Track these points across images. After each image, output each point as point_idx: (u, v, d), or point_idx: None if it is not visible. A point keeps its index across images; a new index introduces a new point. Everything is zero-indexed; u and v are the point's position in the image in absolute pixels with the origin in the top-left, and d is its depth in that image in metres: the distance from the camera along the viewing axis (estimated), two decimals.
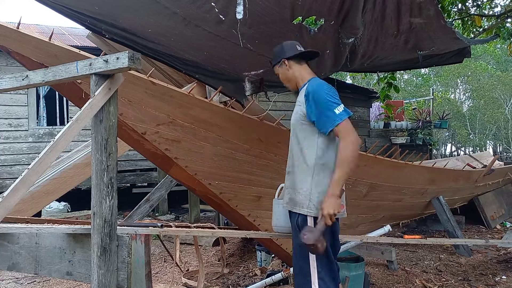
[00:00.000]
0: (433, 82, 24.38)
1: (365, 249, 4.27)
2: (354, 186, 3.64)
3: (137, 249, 1.91)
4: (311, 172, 2.12)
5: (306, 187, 2.13)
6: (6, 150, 7.14)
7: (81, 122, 1.67)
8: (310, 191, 2.11)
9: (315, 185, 2.11)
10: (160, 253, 4.99)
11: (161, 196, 5.25)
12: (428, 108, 13.72)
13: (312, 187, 2.11)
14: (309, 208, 2.11)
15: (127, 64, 1.64)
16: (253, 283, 3.52)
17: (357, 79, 20.31)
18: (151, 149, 2.44)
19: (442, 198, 5.11)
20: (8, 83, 1.88)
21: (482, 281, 3.87)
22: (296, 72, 2.28)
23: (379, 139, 11.79)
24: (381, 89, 6.06)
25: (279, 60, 2.30)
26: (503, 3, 10.87)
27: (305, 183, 2.13)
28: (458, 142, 22.00)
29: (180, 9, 2.64)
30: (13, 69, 6.88)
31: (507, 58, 22.59)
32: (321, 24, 3.00)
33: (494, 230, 6.07)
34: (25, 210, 3.95)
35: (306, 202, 2.12)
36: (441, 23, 3.27)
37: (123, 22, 2.79)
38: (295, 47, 2.31)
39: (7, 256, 2.10)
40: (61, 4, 2.65)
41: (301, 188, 2.14)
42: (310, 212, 2.11)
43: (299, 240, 2.08)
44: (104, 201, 1.70)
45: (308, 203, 2.12)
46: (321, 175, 2.12)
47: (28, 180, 1.59)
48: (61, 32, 9.41)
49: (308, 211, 2.12)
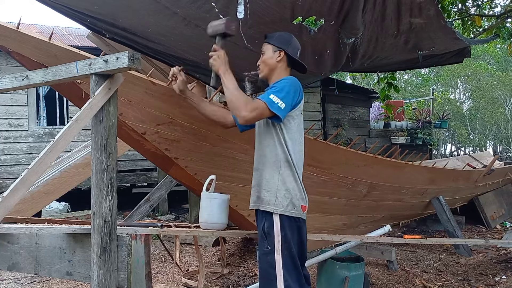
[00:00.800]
0: (433, 82, 24.39)
1: (365, 249, 4.27)
2: (354, 186, 3.64)
3: (137, 249, 1.91)
4: (277, 168, 2.08)
5: (273, 183, 2.08)
6: (6, 150, 7.14)
7: (81, 122, 1.67)
8: (277, 188, 2.07)
9: (282, 182, 2.07)
10: (160, 253, 4.99)
11: (161, 196, 5.25)
12: (428, 108, 13.73)
13: (279, 184, 2.07)
14: (276, 205, 2.06)
15: (127, 64, 1.64)
16: (253, 283, 3.52)
17: (357, 79, 20.32)
18: (151, 149, 2.44)
19: (442, 198, 5.11)
20: (8, 83, 1.88)
21: (482, 281, 3.87)
22: (279, 68, 2.20)
23: (379, 139, 11.80)
24: (381, 89, 6.06)
25: (279, 48, 2.19)
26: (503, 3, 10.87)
27: (272, 180, 2.09)
28: (458, 142, 22.00)
29: (180, 9, 2.64)
30: (13, 69, 6.88)
31: (507, 58, 22.59)
32: (321, 24, 3.00)
33: (494, 230, 6.07)
34: (25, 210, 3.95)
35: (272, 199, 2.07)
36: (441, 23, 3.28)
37: (123, 21, 2.79)
38: (298, 51, 2.28)
39: (7, 256, 2.09)
40: (61, 4, 2.65)
41: (267, 185, 2.09)
42: (276, 209, 2.06)
43: (265, 248, 2.05)
44: (104, 201, 1.70)
45: (274, 200, 2.07)
46: (287, 171, 2.08)
47: (28, 180, 1.59)
48: (61, 32, 9.41)
49: (275, 208, 2.07)
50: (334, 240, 3.26)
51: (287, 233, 2.05)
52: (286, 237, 2.04)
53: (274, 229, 2.05)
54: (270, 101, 1.97)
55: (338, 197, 3.64)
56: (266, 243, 2.07)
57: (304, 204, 2.13)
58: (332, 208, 3.70)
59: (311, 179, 3.22)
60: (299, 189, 2.11)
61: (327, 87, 9.79)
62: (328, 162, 3.25)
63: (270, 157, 2.10)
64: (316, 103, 10.17)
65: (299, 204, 2.09)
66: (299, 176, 2.13)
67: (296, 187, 2.10)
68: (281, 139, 2.09)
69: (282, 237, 2.04)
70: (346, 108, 11.64)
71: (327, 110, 11.10)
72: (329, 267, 3.29)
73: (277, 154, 2.09)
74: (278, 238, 2.03)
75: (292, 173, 2.09)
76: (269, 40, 2.23)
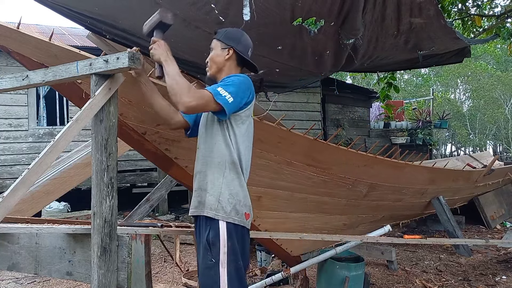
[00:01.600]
0: (433, 82, 24.39)
1: (365, 249, 4.28)
2: (354, 186, 3.64)
3: (137, 249, 1.91)
4: (222, 170, 1.90)
5: (217, 186, 1.90)
6: (6, 150, 7.14)
7: (81, 122, 1.66)
8: (220, 192, 1.89)
9: (226, 185, 1.90)
10: (160, 253, 4.99)
11: (161, 196, 5.25)
12: (428, 108, 13.74)
13: (222, 187, 1.89)
14: (217, 210, 1.87)
15: (127, 64, 1.64)
16: (253, 283, 3.52)
17: (357, 79, 20.32)
18: (151, 149, 2.44)
19: (442, 198, 5.11)
20: (8, 83, 1.88)
21: (482, 281, 3.87)
22: (228, 67, 2.03)
23: (379, 139, 11.81)
24: (381, 89, 6.06)
25: (228, 45, 2.01)
26: (503, 3, 10.88)
27: (216, 181, 1.91)
28: (458, 142, 22.00)
29: (180, 10, 2.64)
30: (13, 69, 6.88)
31: (507, 58, 22.57)
32: (321, 25, 2.99)
33: (494, 230, 6.07)
34: (25, 210, 3.95)
35: (215, 204, 1.88)
36: (441, 23, 3.28)
37: (123, 22, 2.79)
38: (249, 49, 2.08)
39: (7, 256, 2.09)
40: (61, 5, 2.65)
41: (211, 189, 1.91)
42: (218, 215, 1.87)
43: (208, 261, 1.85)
44: (104, 201, 1.70)
45: (217, 205, 1.88)
46: (232, 174, 1.91)
47: (28, 180, 1.58)
48: (61, 32, 9.41)
49: (216, 213, 1.87)
50: (334, 240, 3.26)
51: (235, 243, 1.86)
52: (234, 248, 1.85)
53: (220, 238, 1.84)
54: (217, 93, 1.79)
55: (338, 197, 3.64)
56: (210, 255, 1.85)
57: (248, 212, 1.94)
58: (332, 208, 3.70)
59: (311, 179, 3.22)
60: (244, 195, 1.94)
61: (327, 87, 9.80)
62: (328, 162, 3.25)
63: (215, 158, 1.92)
64: (316, 103, 10.18)
65: (242, 211, 1.91)
66: (245, 182, 1.97)
67: (241, 192, 1.93)
68: (229, 139, 1.92)
69: (229, 247, 1.84)
70: (346, 108, 11.65)
71: (327, 110, 11.10)
72: (329, 267, 3.29)
73: (223, 155, 1.91)
74: (224, 249, 1.83)
75: (237, 177, 1.92)
76: (218, 36, 2.05)
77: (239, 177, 1.93)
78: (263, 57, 3.39)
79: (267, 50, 3.31)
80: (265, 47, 3.25)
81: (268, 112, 2.91)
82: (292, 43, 3.24)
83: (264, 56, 3.39)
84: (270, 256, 4.31)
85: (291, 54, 3.43)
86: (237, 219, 1.89)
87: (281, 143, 2.83)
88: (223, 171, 1.90)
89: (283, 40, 3.20)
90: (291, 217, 3.35)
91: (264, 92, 4.21)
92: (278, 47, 3.30)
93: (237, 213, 1.89)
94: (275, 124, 2.76)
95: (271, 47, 3.29)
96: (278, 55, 3.42)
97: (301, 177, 3.15)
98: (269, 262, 4.26)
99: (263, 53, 3.33)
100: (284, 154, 2.92)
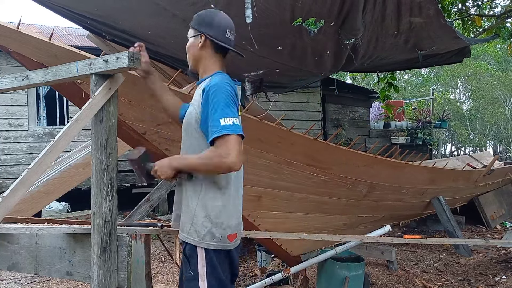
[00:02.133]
0: (433, 82, 24.39)
1: (365, 249, 4.28)
2: (354, 186, 3.64)
3: (137, 249, 1.91)
4: (198, 189, 1.69)
5: (191, 206, 1.71)
6: (6, 150, 7.14)
7: (81, 122, 1.66)
8: (193, 213, 1.69)
9: (201, 207, 1.68)
10: (160, 253, 4.99)
11: (161, 196, 5.23)
12: (428, 108, 13.74)
13: (196, 208, 1.69)
14: (189, 233, 1.70)
15: (127, 64, 1.64)
16: (253, 283, 3.52)
17: (357, 79, 20.32)
18: (151, 149, 2.44)
19: (442, 198, 5.11)
20: (8, 83, 1.88)
21: (482, 281, 3.87)
22: (205, 59, 1.78)
23: (379, 139, 11.81)
24: (381, 89, 6.06)
25: (199, 32, 1.76)
26: (503, 3, 10.88)
27: (191, 201, 1.71)
28: (458, 142, 21.99)
29: (179, 11, 2.64)
30: (13, 69, 6.88)
31: (507, 58, 22.58)
32: (321, 25, 3.00)
33: (494, 230, 6.07)
34: (25, 210, 3.95)
35: (187, 225, 1.71)
36: (441, 22, 3.28)
37: (123, 23, 2.79)
38: (227, 31, 1.78)
39: (7, 256, 2.09)
40: (61, 6, 2.65)
41: (187, 206, 1.73)
42: (189, 238, 1.70)
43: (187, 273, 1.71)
44: (104, 201, 1.70)
45: (189, 228, 1.70)
46: (209, 194, 1.68)
47: (28, 180, 1.58)
48: (61, 32, 9.41)
49: (187, 237, 1.70)
50: (334, 240, 3.26)
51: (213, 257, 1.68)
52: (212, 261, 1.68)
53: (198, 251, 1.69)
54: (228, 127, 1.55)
55: (338, 197, 3.64)
56: (189, 267, 1.71)
57: (233, 232, 1.72)
58: (332, 208, 3.70)
59: (311, 179, 3.22)
60: (228, 215, 1.70)
61: (327, 87, 9.80)
62: (328, 162, 3.25)
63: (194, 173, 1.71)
64: (316, 103, 10.18)
65: (222, 234, 1.68)
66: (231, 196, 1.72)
67: (223, 213, 1.69)
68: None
69: (208, 260, 1.68)
70: (346, 108, 11.65)
71: (327, 110, 11.11)
72: (329, 267, 3.29)
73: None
74: (202, 262, 1.68)
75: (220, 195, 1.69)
76: (192, 25, 1.81)
77: (222, 194, 1.69)
78: (263, 58, 3.39)
79: (267, 50, 3.32)
80: (265, 48, 3.25)
81: (268, 112, 2.91)
82: (292, 44, 3.24)
83: (264, 56, 3.39)
84: (270, 256, 4.31)
85: (291, 55, 3.43)
86: (213, 243, 1.67)
87: (281, 143, 2.83)
88: (199, 192, 1.69)
89: (283, 40, 3.21)
90: (291, 217, 3.35)
91: (264, 92, 4.21)
92: (278, 48, 3.31)
93: (213, 237, 1.67)
94: (275, 124, 2.76)
95: (271, 47, 3.30)
96: (278, 55, 3.43)
97: (301, 177, 3.15)
98: (269, 262, 4.26)
99: (263, 54, 3.33)
100: (284, 154, 2.92)
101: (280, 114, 3.99)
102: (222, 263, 1.71)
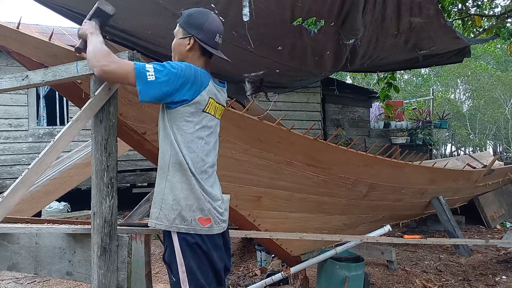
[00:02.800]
0: (433, 82, 24.39)
1: (365, 249, 4.28)
2: (354, 186, 3.64)
3: (137, 249, 1.91)
4: (164, 173, 1.70)
5: (159, 189, 1.72)
6: (6, 150, 7.14)
7: (81, 122, 1.67)
8: (162, 197, 1.70)
9: (169, 189, 1.68)
10: (160, 253, 4.99)
11: None
12: (428, 108, 13.74)
13: (165, 191, 1.69)
14: (159, 219, 1.70)
15: None
16: (253, 283, 3.52)
17: (357, 79, 20.32)
18: (151, 149, 2.44)
19: (442, 198, 5.11)
20: (8, 83, 1.88)
21: (482, 281, 3.87)
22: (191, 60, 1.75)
23: (379, 139, 11.81)
24: (381, 89, 6.07)
25: (188, 34, 1.74)
26: (503, 3, 10.89)
27: (158, 188, 1.73)
28: (458, 142, 22.00)
29: (180, 10, 2.64)
30: (13, 69, 6.88)
31: (507, 58, 22.58)
32: (321, 25, 3.00)
33: (494, 230, 6.07)
34: (25, 210, 3.95)
35: (157, 211, 1.71)
36: (441, 22, 3.28)
37: (123, 23, 2.79)
38: (215, 36, 1.77)
39: (7, 256, 2.10)
40: (61, 5, 2.65)
41: (156, 196, 1.73)
42: (159, 224, 1.70)
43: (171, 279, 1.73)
44: (104, 201, 1.70)
45: (159, 213, 1.70)
46: (176, 176, 1.68)
47: (28, 180, 1.59)
48: (61, 32, 9.41)
49: (157, 222, 1.70)
50: (334, 240, 3.26)
51: (190, 263, 1.66)
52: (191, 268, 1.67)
53: (176, 256, 1.67)
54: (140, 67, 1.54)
55: (338, 197, 3.64)
56: (171, 273, 1.72)
57: (206, 216, 1.69)
58: (332, 208, 3.70)
59: (311, 179, 3.22)
60: (197, 197, 1.68)
61: (327, 87, 9.80)
62: (328, 162, 3.25)
63: (160, 159, 1.73)
64: (316, 103, 10.18)
65: (193, 217, 1.67)
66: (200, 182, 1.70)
67: (192, 195, 1.68)
68: (173, 138, 1.67)
69: (187, 265, 1.67)
70: (346, 108, 11.65)
71: (327, 110, 11.11)
72: (329, 267, 3.29)
73: (166, 155, 1.70)
74: (182, 268, 1.67)
75: (186, 179, 1.67)
76: (180, 21, 1.78)
77: (189, 179, 1.67)
78: (263, 58, 3.39)
79: (267, 50, 3.32)
80: (265, 47, 3.25)
81: (268, 112, 2.91)
82: (292, 44, 3.24)
83: (264, 56, 3.39)
84: (270, 256, 4.31)
85: (291, 55, 3.43)
86: (183, 227, 1.66)
87: (281, 143, 2.83)
88: (166, 174, 1.69)
89: (283, 40, 3.21)
90: (291, 217, 3.35)
91: (264, 92, 4.21)
92: (278, 48, 3.31)
93: (183, 220, 1.66)
94: (275, 124, 2.76)
95: (271, 47, 3.29)
96: (278, 55, 3.43)
97: (301, 177, 3.15)
98: (269, 262, 4.26)
99: (263, 54, 3.33)
100: (284, 154, 2.92)
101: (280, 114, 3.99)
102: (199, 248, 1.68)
